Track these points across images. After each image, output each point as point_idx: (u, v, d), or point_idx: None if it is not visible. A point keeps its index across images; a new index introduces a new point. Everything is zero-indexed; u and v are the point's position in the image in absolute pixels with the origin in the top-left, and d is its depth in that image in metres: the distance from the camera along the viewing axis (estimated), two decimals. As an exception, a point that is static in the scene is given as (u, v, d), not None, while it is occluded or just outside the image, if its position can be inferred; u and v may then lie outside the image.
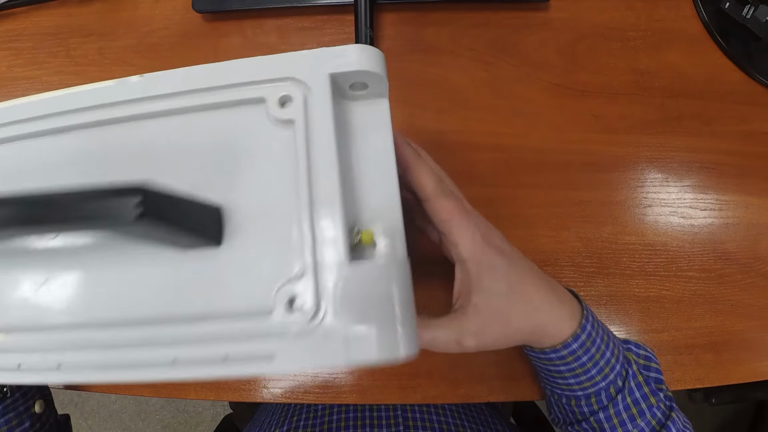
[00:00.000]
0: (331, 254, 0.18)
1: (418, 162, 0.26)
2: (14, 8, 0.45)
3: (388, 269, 0.19)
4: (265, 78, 0.21)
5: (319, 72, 0.20)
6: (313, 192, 0.19)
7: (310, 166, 0.20)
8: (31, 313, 0.21)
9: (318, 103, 0.20)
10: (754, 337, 0.40)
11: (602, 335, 0.29)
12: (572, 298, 0.30)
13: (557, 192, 0.41)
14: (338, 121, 0.21)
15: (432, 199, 0.26)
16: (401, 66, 0.43)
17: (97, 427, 1.25)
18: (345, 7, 0.42)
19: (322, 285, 0.18)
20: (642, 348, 0.33)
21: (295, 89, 0.20)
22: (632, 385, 0.30)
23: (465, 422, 0.42)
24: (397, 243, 0.21)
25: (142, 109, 0.22)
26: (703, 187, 0.41)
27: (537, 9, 0.43)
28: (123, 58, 0.44)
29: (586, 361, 0.29)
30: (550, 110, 0.42)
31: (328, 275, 0.18)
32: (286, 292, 0.18)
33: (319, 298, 0.18)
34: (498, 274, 0.27)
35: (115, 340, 0.20)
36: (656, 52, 0.42)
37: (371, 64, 0.20)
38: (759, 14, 0.40)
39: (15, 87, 0.45)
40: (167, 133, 0.22)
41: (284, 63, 0.21)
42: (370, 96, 0.23)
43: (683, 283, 0.41)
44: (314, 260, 0.18)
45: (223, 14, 0.43)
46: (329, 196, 0.19)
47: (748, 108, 0.42)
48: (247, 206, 0.21)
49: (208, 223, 0.20)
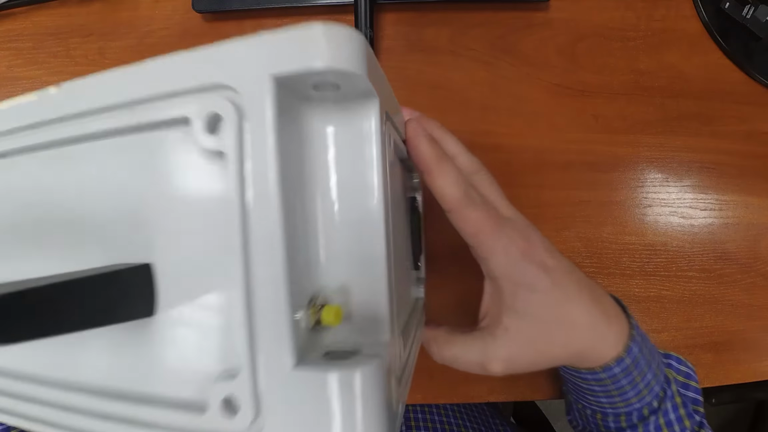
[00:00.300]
0: (273, 352, 0.14)
1: (439, 166, 0.22)
2: (14, 8, 0.45)
3: (349, 380, 0.13)
4: (189, 86, 0.15)
5: (259, 76, 0.14)
6: (250, 262, 0.14)
7: (244, 224, 0.14)
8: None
9: (256, 124, 0.14)
10: (754, 337, 0.40)
11: (647, 355, 0.26)
12: (620, 313, 0.26)
13: (557, 192, 0.41)
14: (290, 151, 0.15)
15: (455, 211, 0.22)
16: (401, 66, 0.43)
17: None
18: (345, 7, 0.42)
19: (261, 389, 0.14)
20: (683, 363, 0.30)
21: (227, 104, 0.14)
22: (668, 407, 0.27)
23: (467, 422, 0.42)
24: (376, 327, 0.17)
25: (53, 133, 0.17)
26: (703, 187, 0.41)
27: (537, 9, 0.43)
28: (123, 58, 0.44)
29: (624, 384, 0.26)
30: (550, 110, 0.42)
31: (270, 378, 0.14)
32: (222, 389, 0.14)
33: (258, 403, 0.14)
34: (537, 296, 0.23)
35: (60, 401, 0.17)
36: (656, 52, 0.42)
37: (339, 58, 0.13)
38: (759, 14, 0.40)
39: (15, 87, 0.45)
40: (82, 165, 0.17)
41: (213, 61, 0.14)
42: (347, 98, 0.16)
43: (683, 283, 0.41)
44: (251, 357, 0.14)
45: (223, 14, 0.43)
46: (270, 271, 0.14)
47: (748, 108, 0.42)
48: (179, 269, 0.16)
49: (131, 292, 0.15)
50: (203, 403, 0.15)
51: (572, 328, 0.24)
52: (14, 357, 0.19)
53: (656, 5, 0.43)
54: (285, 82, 0.14)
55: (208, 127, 0.14)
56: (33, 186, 0.18)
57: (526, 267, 0.23)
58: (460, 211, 0.22)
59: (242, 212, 0.14)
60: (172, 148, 0.16)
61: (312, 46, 0.13)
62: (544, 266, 0.23)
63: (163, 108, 0.15)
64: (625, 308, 0.27)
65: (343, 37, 0.14)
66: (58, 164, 0.18)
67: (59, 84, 0.17)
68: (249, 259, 0.14)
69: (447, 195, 0.22)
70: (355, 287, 0.17)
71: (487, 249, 0.23)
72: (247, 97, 0.14)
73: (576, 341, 0.24)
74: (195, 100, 0.14)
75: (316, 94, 0.15)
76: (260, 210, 0.14)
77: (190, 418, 0.15)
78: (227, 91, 0.14)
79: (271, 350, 0.14)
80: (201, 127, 0.14)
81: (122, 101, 0.16)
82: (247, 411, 0.14)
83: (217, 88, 0.14)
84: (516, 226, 0.24)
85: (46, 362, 0.18)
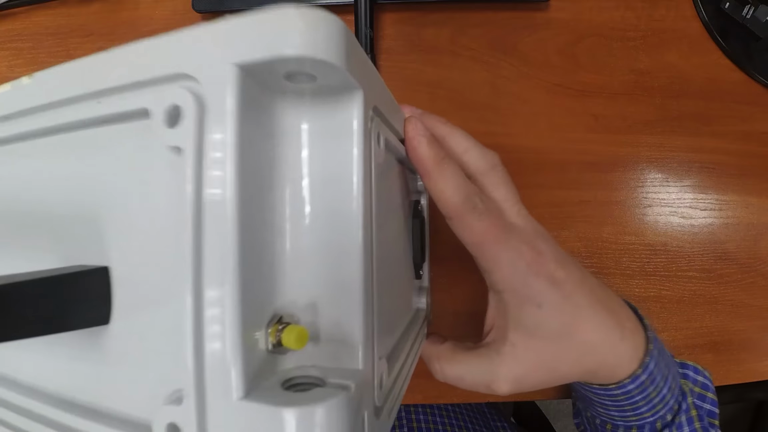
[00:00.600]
0: (220, 377, 0.12)
1: (439, 168, 0.20)
2: (14, 8, 0.45)
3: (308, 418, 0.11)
4: (152, 76, 0.13)
5: (220, 63, 0.12)
6: (201, 268, 0.12)
7: (198, 229, 0.12)
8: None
9: (216, 118, 0.12)
10: (754, 337, 0.40)
11: (663, 369, 0.25)
12: (637, 325, 0.24)
13: (557, 192, 0.41)
14: (253, 146, 0.13)
15: (456, 218, 0.21)
16: (401, 66, 0.43)
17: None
18: (345, 7, 0.42)
19: (207, 419, 0.12)
20: (701, 373, 0.29)
21: (187, 96, 0.12)
22: (683, 420, 0.26)
23: (468, 423, 0.42)
24: (347, 353, 0.14)
25: (22, 125, 0.16)
26: (703, 187, 0.41)
27: (537, 9, 0.43)
28: (123, 58, 0.44)
29: (638, 400, 0.25)
30: (550, 110, 0.42)
31: (217, 407, 0.12)
32: (166, 414, 0.12)
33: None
34: (545, 312, 0.21)
35: (27, 406, 0.16)
36: (656, 52, 0.42)
37: (314, 45, 0.12)
38: (759, 14, 0.40)
39: (15, 87, 0.45)
40: (45, 159, 0.16)
41: (175, 48, 0.13)
42: (325, 92, 0.14)
43: (683, 283, 0.41)
44: (196, 383, 0.12)
45: (223, 14, 0.43)
46: (221, 283, 0.12)
47: (748, 108, 0.42)
48: (134, 275, 0.14)
49: (87, 296, 0.14)
50: (149, 426, 0.13)
51: (584, 345, 0.22)
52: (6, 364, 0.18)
53: (656, 5, 0.43)
54: (252, 71, 0.12)
55: (169, 121, 0.13)
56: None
57: (533, 281, 0.21)
58: (461, 219, 0.21)
59: (196, 215, 0.12)
60: (133, 142, 0.14)
61: (283, 31, 0.12)
62: (553, 279, 0.21)
63: (126, 99, 0.14)
64: (641, 318, 0.25)
65: (320, 21, 0.12)
66: (17, 158, 0.17)
67: (32, 74, 0.16)
68: (200, 267, 0.12)
69: (446, 201, 0.20)
70: (326, 305, 0.14)
71: (490, 261, 0.21)
72: (209, 87, 0.12)
73: (588, 359, 0.23)
74: (155, 90, 0.13)
75: (290, 85, 0.14)
76: (215, 212, 0.12)
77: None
78: (189, 81, 0.13)
79: (219, 375, 0.12)
80: (161, 120, 0.13)
81: (88, 91, 0.15)
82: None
83: (178, 78, 0.13)
84: (524, 235, 0.22)
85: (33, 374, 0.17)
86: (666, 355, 0.26)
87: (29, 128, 0.16)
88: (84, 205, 0.15)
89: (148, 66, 0.13)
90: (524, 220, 0.23)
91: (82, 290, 0.14)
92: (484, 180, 0.24)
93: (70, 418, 0.15)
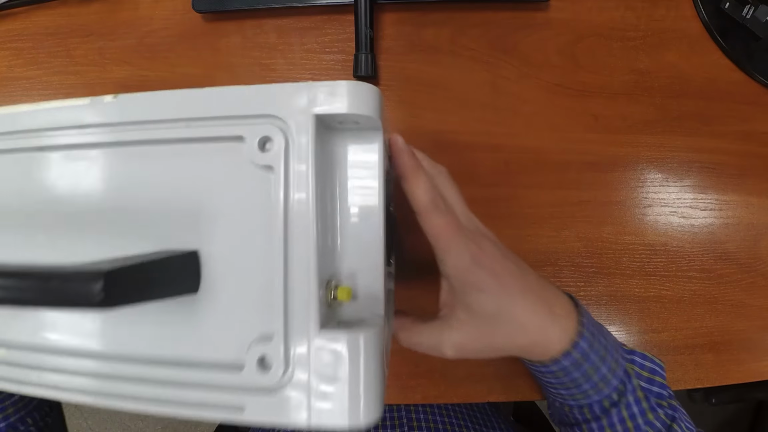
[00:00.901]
0: (302, 319, 0.18)
1: (415, 174, 0.26)
2: (14, 8, 0.45)
3: (356, 342, 0.18)
4: (245, 113, 0.19)
5: (304, 112, 0.19)
6: (288, 250, 0.18)
7: (286, 221, 0.18)
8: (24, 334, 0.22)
9: (300, 148, 0.19)
10: (754, 337, 0.40)
11: (600, 351, 0.29)
12: (571, 312, 0.29)
13: (557, 192, 0.41)
14: (321, 167, 0.19)
15: (423, 214, 0.26)
16: (401, 66, 0.43)
17: (97, 427, 1.25)
18: (345, 7, 0.42)
19: (291, 348, 0.18)
20: (649, 360, 0.32)
21: (276, 130, 0.19)
22: (630, 400, 0.29)
23: (468, 422, 0.42)
24: (374, 305, 0.21)
25: (113, 136, 0.20)
26: (703, 187, 0.41)
27: (537, 9, 0.43)
28: (123, 58, 0.44)
29: (577, 377, 0.28)
30: (550, 110, 0.42)
31: (298, 340, 0.18)
32: (257, 351, 0.18)
33: (287, 360, 0.18)
34: (484, 296, 0.27)
35: (106, 372, 0.20)
36: (656, 52, 0.42)
37: (363, 106, 0.19)
38: (759, 14, 0.40)
39: (15, 87, 0.45)
40: (139, 165, 0.21)
41: (267, 97, 0.19)
42: (362, 129, 0.21)
43: (683, 283, 0.41)
44: (285, 323, 0.18)
45: (223, 14, 0.43)
46: (304, 258, 0.18)
47: (748, 108, 0.42)
48: (223, 254, 0.20)
49: (183, 272, 0.19)
50: (240, 363, 0.19)
51: (515, 324, 0.27)
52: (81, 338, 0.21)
53: (656, 5, 0.43)
54: (321, 118, 0.19)
55: (260, 146, 0.19)
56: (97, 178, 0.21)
57: (475, 271, 0.26)
58: (427, 215, 0.26)
59: (285, 211, 0.18)
60: (221, 158, 0.20)
61: (343, 97, 0.19)
62: (492, 271, 0.27)
63: (220, 127, 0.19)
64: (578, 306, 0.30)
65: (365, 92, 0.19)
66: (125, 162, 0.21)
67: (115, 95, 0.20)
68: (288, 247, 0.18)
69: (418, 199, 0.25)
70: (360, 273, 0.21)
71: (444, 251, 0.26)
72: (293, 126, 0.19)
73: (520, 337, 0.28)
74: (251, 124, 0.19)
75: (340, 126, 0.21)
76: (299, 210, 0.19)
77: (229, 376, 0.19)
78: (277, 120, 0.19)
79: (302, 318, 0.18)
80: (254, 146, 0.19)
81: (178, 117, 0.19)
82: (278, 367, 0.18)
83: (268, 117, 0.19)
84: (471, 234, 0.27)
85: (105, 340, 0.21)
86: (606, 340, 0.30)
87: (111, 139, 0.20)
88: (172, 202, 0.20)
89: (245, 106, 0.19)
90: (470, 220, 0.29)
91: (180, 267, 0.19)
92: (437, 181, 0.29)
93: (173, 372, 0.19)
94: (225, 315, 0.20)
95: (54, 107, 0.21)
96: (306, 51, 0.43)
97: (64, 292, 0.15)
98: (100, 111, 0.20)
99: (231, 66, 0.43)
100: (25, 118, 0.21)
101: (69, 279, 0.15)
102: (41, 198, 0.21)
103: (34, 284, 0.15)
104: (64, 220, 0.21)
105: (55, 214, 0.21)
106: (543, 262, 0.40)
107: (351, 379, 0.18)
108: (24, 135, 0.21)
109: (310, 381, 0.18)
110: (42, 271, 0.15)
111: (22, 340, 0.22)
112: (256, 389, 0.18)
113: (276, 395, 0.18)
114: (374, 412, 0.18)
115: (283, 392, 0.18)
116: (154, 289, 0.17)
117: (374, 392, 0.18)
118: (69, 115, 0.21)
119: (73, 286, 0.14)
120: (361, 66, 0.41)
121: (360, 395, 0.18)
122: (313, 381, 0.18)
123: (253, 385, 0.18)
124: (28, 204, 0.21)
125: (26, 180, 0.21)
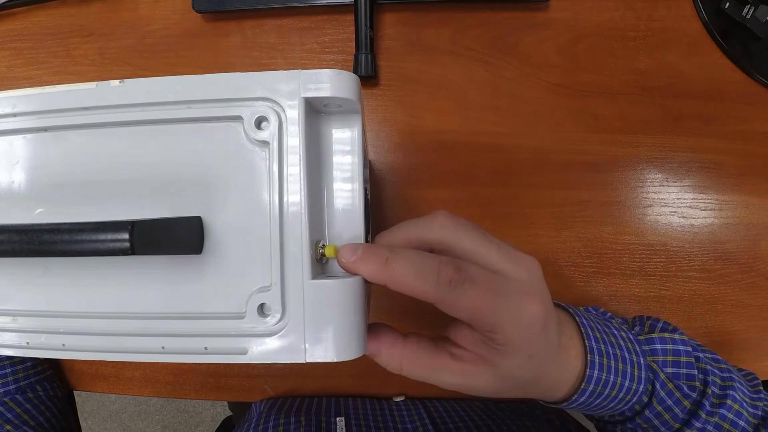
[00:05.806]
0: (296, 271, 0.21)
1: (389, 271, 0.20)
2: (14, 8, 0.45)
3: (343, 287, 0.21)
4: (242, 96, 0.22)
5: (294, 95, 0.21)
6: (283, 214, 0.21)
7: (281, 189, 0.21)
8: (36, 301, 0.24)
9: (292, 126, 0.21)
10: (754, 337, 0.40)
11: (616, 365, 0.26)
12: (577, 346, 0.26)
13: (557, 192, 0.41)
14: (310, 143, 0.22)
15: (438, 303, 0.21)
16: (401, 66, 0.43)
17: (97, 427, 1.25)
18: (345, 7, 0.42)
19: (287, 296, 0.21)
20: (669, 341, 0.29)
21: (271, 111, 0.21)
22: (662, 395, 0.28)
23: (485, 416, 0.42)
24: None
25: (121, 116, 0.23)
26: (703, 187, 0.41)
27: (537, 9, 0.43)
28: (123, 58, 0.44)
29: (600, 402, 0.27)
30: (550, 110, 0.42)
31: (293, 288, 0.21)
32: (257, 300, 0.21)
33: (284, 307, 0.21)
34: (533, 361, 0.22)
35: (112, 329, 0.23)
36: (656, 52, 0.42)
37: (344, 90, 0.22)
38: (759, 14, 0.40)
39: (15, 87, 0.45)
40: (145, 142, 0.23)
41: (262, 83, 0.22)
42: (344, 112, 0.24)
43: (683, 283, 0.41)
44: (282, 275, 0.21)
45: (223, 14, 0.43)
46: (297, 220, 0.21)
47: (748, 108, 0.42)
48: (224, 220, 0.22)
49: (190, 234, 0.22)
50: (242, 313, 0.21)
51: (543, 387, 0.26)
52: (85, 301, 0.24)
53: (656, 5, 0.43)
54: (309, 101, 0.22)
55: (257, 125, 0.21)
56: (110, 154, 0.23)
57: (536, 338, 0.21)
58: (444, 302, 0.20)
59: (279, 180, 0.21)
60: (221, 135, 0.22)
61: (328, 82, 0.21)
62: (548, 333, 0.22)
63: (222, 108, 0.22)
64: (580, 327, 0.27)
65: (346, 78, 0.22)
66: (134, 140, 0.23)
67: (122, 80, 0.22)
68: (283, 211, 0.21)
69: (419, 293, 0.20)
70: (344, 238, 0.24)
71: (490, 325, 0.21)
72: (287, 108, 0.21)
73: (551, 394, 0.26)
74: (248, 105, 0.22)
75: (325, 108, 0.23)
76: (292, 180, 0.21)
77: (233, 323, 0.21)
78: (271, 102, 0.22)
79: (296, 270, 0.21)
80: (252, 124, 0.21)
81: (179, 100, 0.22)
82: (276, 313, 0.21)
83: (264, 100, 0.22)
84: (517, 284, 0.21)
85: (118, 301, 0.23)
86: (616, 349, 0.27)
87: (119, 119, 0.23)
88: (179, 175, 0.22)
89: (242, 90, 0.22)
90: (507, 259, 0.22)
91: (186, 229, 0.22)
92: (445, 241, 0.22)
93: (182, 324, 0.22)
94: (227, 272, 0.22)
95: (66, 89, 0.23)
96: (306, 51, 0.43)
97: (101, 240, 0.18)
98: (108, 94, 0.23)
99: (231, 66, 0.43)
100: (42, 99, 0.23)
101: (104, 229, 0.18)
102: (63, 172, 0.24)
103: (75, 235, 0.18)
104: (81, 191, 0.23)
105: (74, 187, 0.23)
106: (543, 262, 0.40)
107: (338, 319, 0.21)
108: (47, 114, 0.23)
109: (304, 322, 0.21)
110: (81, 224, 0.18)
111: (34, 307, 0.24)
112: (257, 333, 0.21)
113: (276, 337, 0.21)
114: (358, 348, 0.21)
115: (282, 334, 0.21)
116: (167, 244, 0.20)
117: (358, 331, 0.21)
118: (79, 97, 0.23)
119: (108, 234, 0.18)
120: (361, 66, 0.41)
121: (346, 333, 0.21)
122: (306, 322, 0.21)
123: (255, 329, 0.21)
124: (53, 178, 0.24)
125: (49, 157, 0.24)
